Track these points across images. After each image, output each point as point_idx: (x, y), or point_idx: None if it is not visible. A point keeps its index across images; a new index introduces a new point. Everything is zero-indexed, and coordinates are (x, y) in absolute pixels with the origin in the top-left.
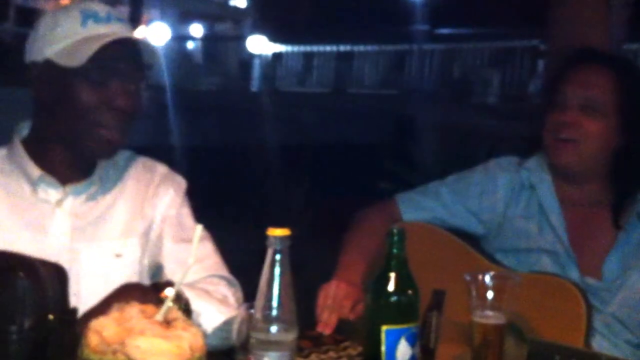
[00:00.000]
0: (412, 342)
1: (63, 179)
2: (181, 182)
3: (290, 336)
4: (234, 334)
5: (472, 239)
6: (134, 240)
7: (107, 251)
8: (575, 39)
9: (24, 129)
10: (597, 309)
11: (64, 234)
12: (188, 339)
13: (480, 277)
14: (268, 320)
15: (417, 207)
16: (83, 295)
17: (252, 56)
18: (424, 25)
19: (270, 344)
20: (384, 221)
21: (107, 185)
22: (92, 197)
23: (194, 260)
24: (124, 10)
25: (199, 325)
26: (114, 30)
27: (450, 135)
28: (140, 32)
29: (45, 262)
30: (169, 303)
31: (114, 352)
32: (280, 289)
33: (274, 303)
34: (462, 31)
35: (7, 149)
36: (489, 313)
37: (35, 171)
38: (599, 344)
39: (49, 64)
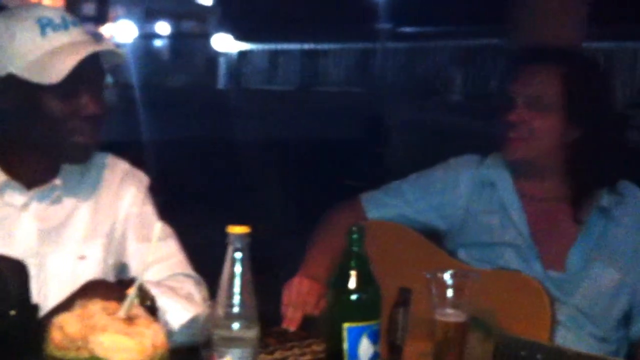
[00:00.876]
0: (374, 340)
1: (28, 183)
2: (143, 179)
3: (252, 332)
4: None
5: (436, 236)
6: (98, 241)
7: (71, 254)
8: (534, 37)
9: None
10: (561, 301)
11: (30, 238)
12: (150, 336)
13: (440, 275)
14: (230, 317)
15: (381, 205)
16: (49, 298)
17: (218, 54)
18: (388, 24)
19: (233, 341)
20: (349, 220)
21: (70, 188)
22: (56, 201)
23: (152, 259)
24: (91, 8)
25: (165, 323)
26: (75, 38)
27: (414, 132)
28: (107, 30)
29: (5, 258)
30: (131, 300)
31: (77, 349)
32: (241, 286)
33: (235, 300)
34: (425, 29)
35: None
36: (450, 311)
37: (0, 176)
38: (563, 337)
39: (13, 78)
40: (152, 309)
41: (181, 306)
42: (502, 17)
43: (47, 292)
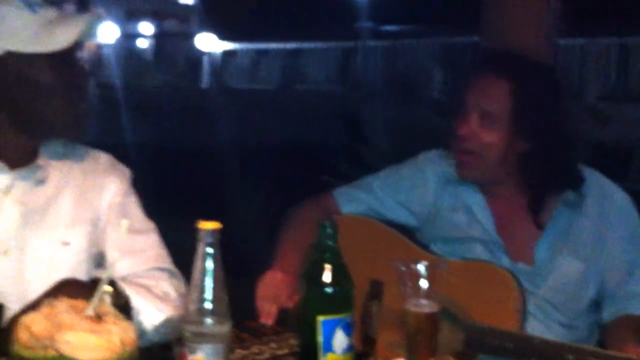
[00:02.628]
0: (348, 332)
1: (11, 164)
2: (125, 171)
3: (224, 328)
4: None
5: (408, 230)
6: (81, 228)
7: (55, 239)
8: (506, 35)
9: None
10: (529, 292)
11: (12, 220)
12: (118, 333)
13: (412, 265)
14: (201, 313)
15: (353, 200)
16: (31, 282)
17: (201, 54)
18: (369, 23)
19: (204, 337)
20: (320, 214)
21: (53, 170)
22: (40, 182)
23: (121, 253)
24: (71, 9)
25: (139, 324)
26: (60, 12)
27: (394, 129)
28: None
29: None
30: (98, 297)
31: (45, 348)
32: (213, 282)
33: (207, 296)
34: (406, 28)
35: None
36: (422, 301)
37: None
38: (532, 326)
39: (10, 56)
40: (126, 309)
41: (155, 306)
42: (480, 15)
43: (27, 276)
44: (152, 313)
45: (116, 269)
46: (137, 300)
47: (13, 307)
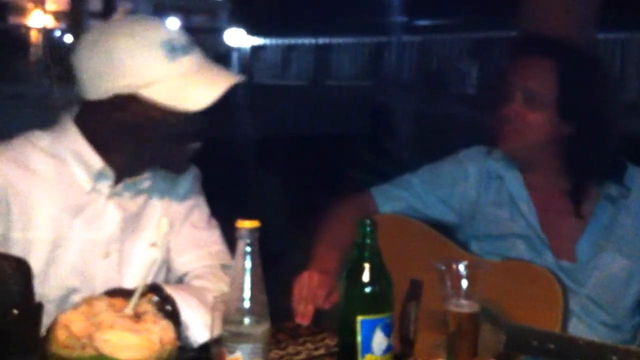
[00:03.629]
0: (387, 332)
1: (120, 172)
2: (195, 170)
3: (262, 328)
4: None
5: (446, 229)
6: (164, 228)
7: (145, 241)
8: (543, 28)
9: (74, 115)
10: (572, 291)
11: (114, 225)
12: (158, 333)
13: (453, 265)
14: (240, 312)
15: (392, 198)
16: (128, 284)
17: (230, 49)
18: (402, 17)
19: (243, 336)
20: (359, 213)
21: (155, 180)
22: (141, 191)
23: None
24: (97, 3)
25: (185, 339)
26: (200, 60)
27: (428, 126)
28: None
29: (7, 256)
30: (137, 296)
31: (83, 347)
32: (251, 281)
33: (245, 295)
34: (439, 22)
35: (56, 132)
36: (463, 302)
37: (96, 162)
38: (575, 327)
39: (137, 98)
40: (172, 314)
41: (204, 323)
42: (515, 8)
43: (127, 278)
44: (200, 331)
45: (180, 264)
46: (187, 314)
47: None
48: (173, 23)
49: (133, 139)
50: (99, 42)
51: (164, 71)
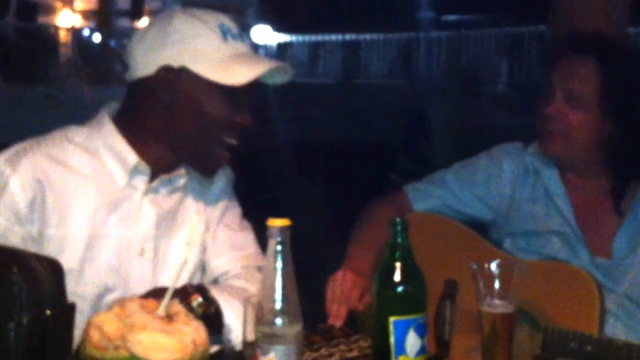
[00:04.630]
0: (421, 333)
1: (155, 168)
2: (229, 172)
3: (295, 329)
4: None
5: (480, 227)
6: (199, 228)
7: (180, 240)
8: (576, 23)
9: (110, 110)
10: (609, 289)
11: (149, 222)
12: (190, 334)
13: (486, 265)
14: (272, 313)
15: (426, 196)
16: (160, 283)
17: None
18: (430, 12)
19: (276, 338)
20: (393, 212)
21: (191, 179)
22: (176, 189)
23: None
24: (125, 2)
25: (227, 341)
26: (250, 49)
27: (458, 124)
28: (143, 23)
29: (40, 257)
30: (169, 297)
31: (116, 348)
32: (282, 281)
33: (277, 295)
34: (470, 17)
35: (92, 127)
36: (497, 302)
37: (131, 158)
38: (612, 327)
39: (185, 72)
40: (215, 316)
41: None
42: (546, 3)
43: (161, 277)
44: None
45: (215, 265)
46: (230, 317)
47: None
48: None
49: (173, 127)
50: (157, 21)
51: (215, 47)
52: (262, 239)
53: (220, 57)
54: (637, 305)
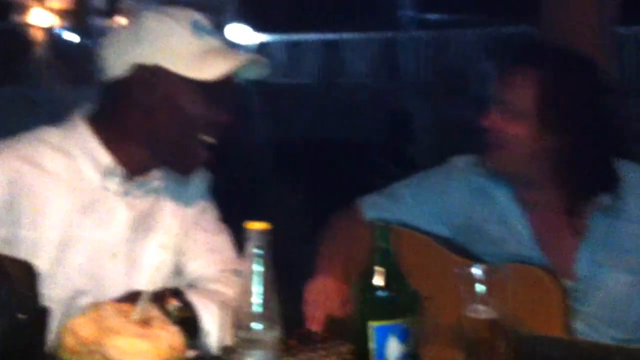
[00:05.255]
0: (403, 339)
1: (130, 170)
2: (207, 175)
3: (274, 334)
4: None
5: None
6: (174, 231)
7: (155, 243)
8: (563, 23)
9: (84, 111)
10: (576, 310)
11: (125, 225)
12: (167, 338)
13: (470, 270)
14: (250, 318)
15: (381, 210)
16: (137, 286)
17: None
18: (412, 11)
19: (254, 343)
20: (352, 224)
21: (166, 180)
22: (151, 191)
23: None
24: (101, 1)
25: (204, 345)
26: (224, 45)
27: (440, 127)
28: (119, 22)
29: (14, 260)
30: (145, 301)
31: (91, 353)
32: (262, 285)
33: (256, 300)
34: (452, 16)
35: (66, 129)
36: (480, 307)
37: (105, 159)
38: None
39: (159, 70)
40: (192, 320)
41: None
42: (534, 2)
43: (135, 280)
44: (220, 339)
45: (191, 269)
46: (208, 321)
47: None
48: None
49: (149, 126)
50: (129, 22)
51: (188, 44)
52: (239, 242)
53: (194, 53)
54: (606, 324)
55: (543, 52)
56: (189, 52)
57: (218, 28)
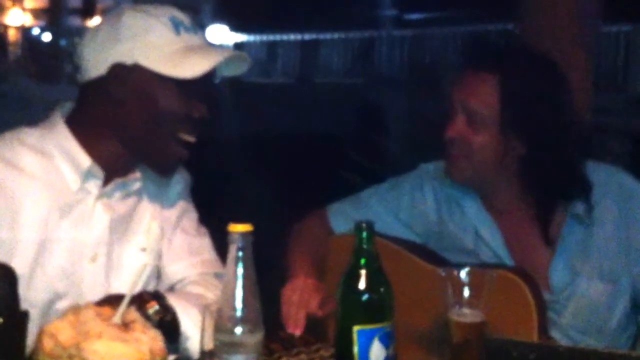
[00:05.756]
0: (386, 343)
1: (108, 171)
2: (187, 175)
3: (256, 337)
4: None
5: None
6: (154, 232)
7: (135, 245)
8: (544, 20)
9: (64, 111)
10: (552, 322)
11: (103, 227)
12: (147, 342)
13: (455, 273)
14: (232, 321)
15: (348, 219)
16: (116, 289)
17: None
18: (392, 10)
19: (235, 346)
20: (323, 229)
21: (143, 181)
22: (130, 193)
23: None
24: (77, 0)
25: (185, 349)
26: (204, 42)
27: (419, 125)
28: (94, 22)
29: None
30: (125, 304)
31: (70, 357)
32: (243, 288)
33: (238, 303)
34: (432, 15)
35: (45, 129)
36: (466, 311)
37: (85, 161)
38: None
39: (139, 68)
40: (172, 324)
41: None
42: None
43: (114, 283)
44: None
45: (172, 271)
46: (187, 325)
47: None
48: None
49: (127, 125)
50: (106, 19)
51: (167, 41)
52: (219, 244)
53: (174, 50)
54: (582, 332)
55: (502, 55)
56: (169, 50)
57: (201, 29)
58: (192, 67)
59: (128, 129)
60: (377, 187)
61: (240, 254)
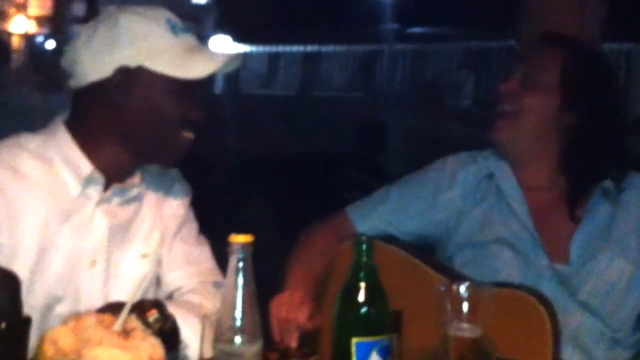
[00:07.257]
0: (384, 356)
1: (109, 177)
2: (187, 186)
3: (254, 348)
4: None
5: (426, 248)
6: (155, 240)
7: (135, 252)
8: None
9: (64, 117)
10: (567, 298)
11: (102, 233)
12: (147, 350)
13: (454, 287)
14: (231, 331)
15: (368, 216)
16: (115, 295)
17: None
18: (394, 24)
19: (235, 356)
20: (331, 238)
21: (146, 190)
22: (130, 200)
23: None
24: (80, 9)
25: (184, 357)
26: (195, 39)
27: (423, 144)
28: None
29: None
30: (126, 312)
31: None
32: (243, 299)
33: (237, 313)
34: (433, 30)
35: (46, 135)
36: (465, 326)
37: (86, 167)
38: (571, 344)
39: (143, 71)
40: (171, 332)
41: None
42: (514, 17)
43: (113, 289)
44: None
45: (170, 280)
46: (187, 333)
47: None
48: None
49: (130, 127)
50: (101, 22)
51: (168, 43)
52: (218, 254)
53: (176, 52)
54: (596, 316)
55: (562, 35)
56: (172, 52)
57: (199, 39)
58: (197, 68)
59: (130, 130)
60: (397, 181)
61: (241, 264)
